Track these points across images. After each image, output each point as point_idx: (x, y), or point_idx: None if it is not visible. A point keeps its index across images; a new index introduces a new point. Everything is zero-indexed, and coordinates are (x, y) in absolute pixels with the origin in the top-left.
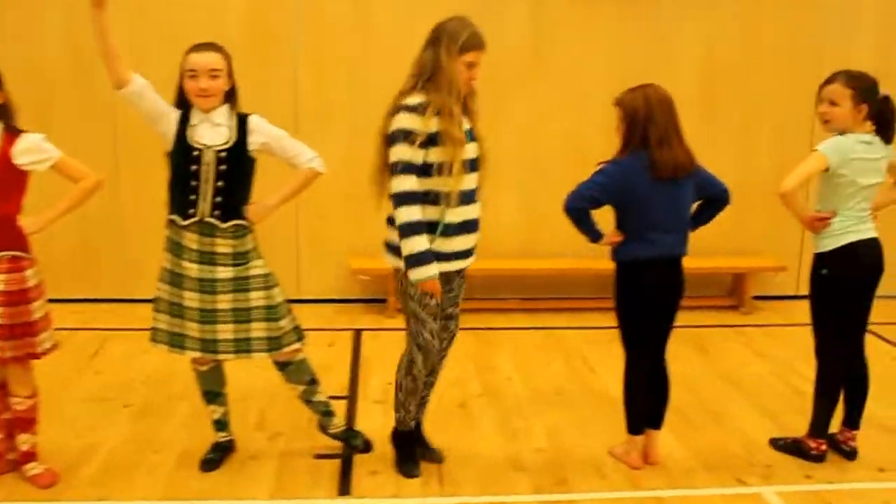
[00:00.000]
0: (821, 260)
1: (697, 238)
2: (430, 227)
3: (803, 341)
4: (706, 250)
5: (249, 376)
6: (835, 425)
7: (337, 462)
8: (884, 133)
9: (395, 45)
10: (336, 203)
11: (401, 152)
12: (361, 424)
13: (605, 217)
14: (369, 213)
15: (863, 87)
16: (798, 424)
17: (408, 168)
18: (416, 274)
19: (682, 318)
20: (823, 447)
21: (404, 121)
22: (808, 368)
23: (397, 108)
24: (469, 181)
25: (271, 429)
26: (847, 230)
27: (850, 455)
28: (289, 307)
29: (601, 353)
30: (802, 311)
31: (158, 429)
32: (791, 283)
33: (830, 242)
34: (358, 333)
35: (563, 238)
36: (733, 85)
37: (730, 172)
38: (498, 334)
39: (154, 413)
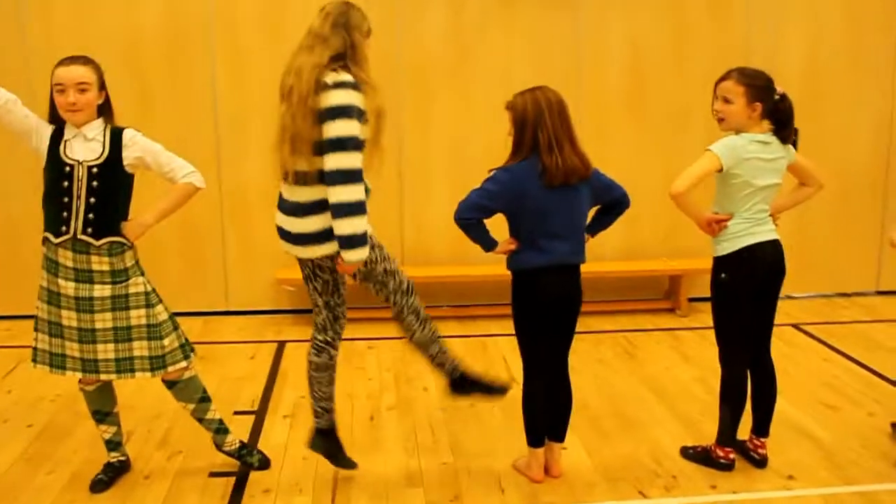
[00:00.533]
0: (719, 264)
1: (635, 240)
2: None
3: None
4: (643, 253)
5: (163, 392)
6: (746, 432)
7: (231, 480)
8: (781, 133)
9: None
10: (261, 212)
11: (351, 128)
12: (266, 440)
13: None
14: None
15: (757, 84)
16: (715, 432)
17: (359, 145)
18: (356, 255)
19: (614, 322)
20: (731, 455)
21: (353, 97)
22: None
23: (334, 84)
24: None
25: (173, 447)
26: (744, 233)
27: (760, 463)
28: (174, 325)
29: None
30: None
31: (57, 449)
32: None
33: (728, 246)
34: (281, 345)
35: None
36: (661, 83)
37: (659, 172)
38: None
39: (56, 433)
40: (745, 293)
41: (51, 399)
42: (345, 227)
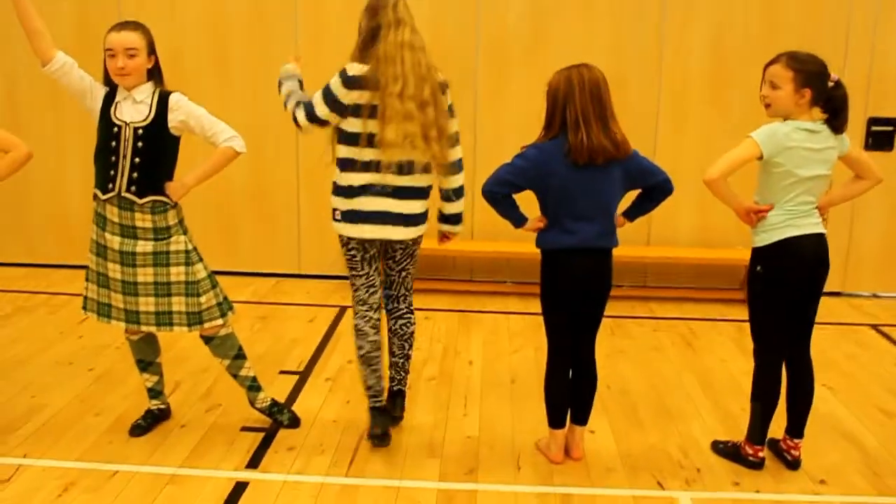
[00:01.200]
0: (756, 255)
1: (710, 226)
2: None
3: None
4: (719, 240)
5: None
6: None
7: (260, 436)
8: (833, 122)
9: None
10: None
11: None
12: (304, 400)
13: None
14: None
15: (807, 69)
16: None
17: None
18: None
19: (678, 309)
20: (761, 454)
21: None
22: None
23: (447, 84)
24: None
25: (214, 400)
26: (784, 224)
27: (793, 465)
28: (213, 283)
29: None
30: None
31: (109, 393)
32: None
33: (766, 237)
34: (343, 311)
35: None
36: (746, 67)
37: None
38: (481, 317)
39: (112, 379)
40: (782, 287)
41: (116, 346)
42: (461, 206)
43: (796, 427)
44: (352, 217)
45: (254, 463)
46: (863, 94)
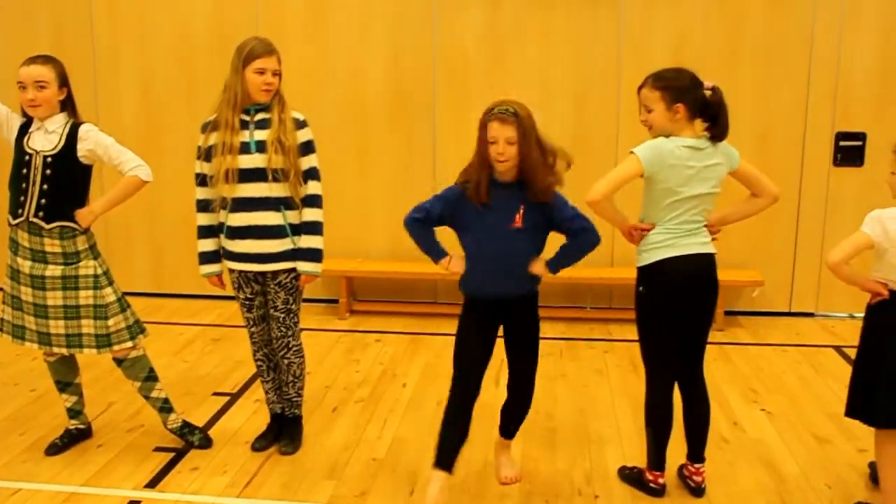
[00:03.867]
0: (639, 276)
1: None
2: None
3: (754, 362)
4: None
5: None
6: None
7: (170, 456)
8: (713, 129)
9: (350, 52)
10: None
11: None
12: (226, 421)
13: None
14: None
15: (673, 86)
16: (678, 454)
17: None
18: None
19: (633, 331)
20: (661, 480)
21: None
22: (737, 393)
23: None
24: (246, 189)
25: (139, 421)
26: (663, 245)
27: (696, 491)
28: (122, 307)
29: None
30: (777, 329)
31: (42, 413)
32: (781, 299)
33: (646, 257)
34: None
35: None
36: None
37: None
38: (432, 340)
39: (50, 400)
40: (664, 309)
41: None
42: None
43: (695, 452)
44: None
45: (154, 482)
46: (829, 109)
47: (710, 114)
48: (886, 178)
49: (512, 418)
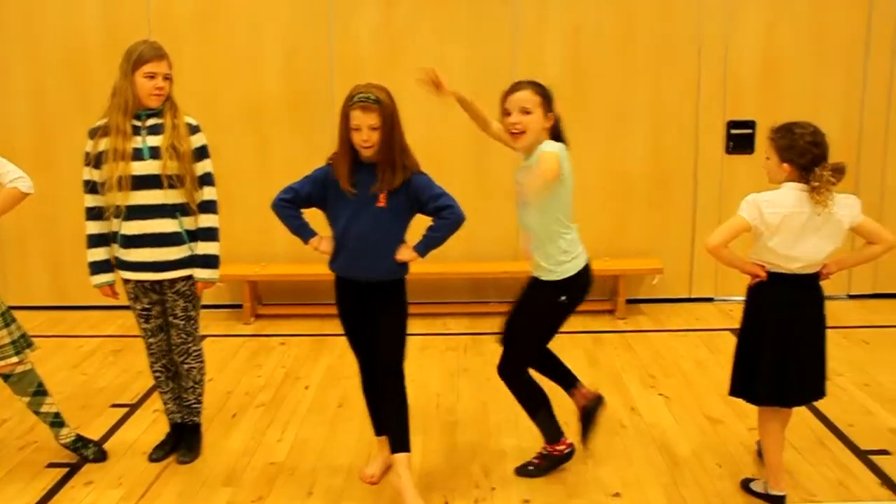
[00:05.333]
0: (561, 287)
1: (582, 238)
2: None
3: (654, 348)
4: (590, 252)
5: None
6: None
7: (63, 472)
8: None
9: (246, 50)
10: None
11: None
12: (123, 433)
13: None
14: (227, 219)
15: (548, 95)
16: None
17: None
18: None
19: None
20: (567, 442)
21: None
22: (636, 379)
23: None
24: (140, 197)
25: (33, 438)
26: (580, 252)
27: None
28: (6, 321)
29: (425, 360)
30: (677, 315)
31: None
32: (681, 286)
33: (570, 268)
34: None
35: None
36: (603, 77)
37: (600, 169)
38: (335, 341)
39: None
40: (568, 311)
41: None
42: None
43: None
44: None
45: (46, 499)
46: (720, 99)
47: (558, 133)
48: (763, 163)
49: (386, 417)
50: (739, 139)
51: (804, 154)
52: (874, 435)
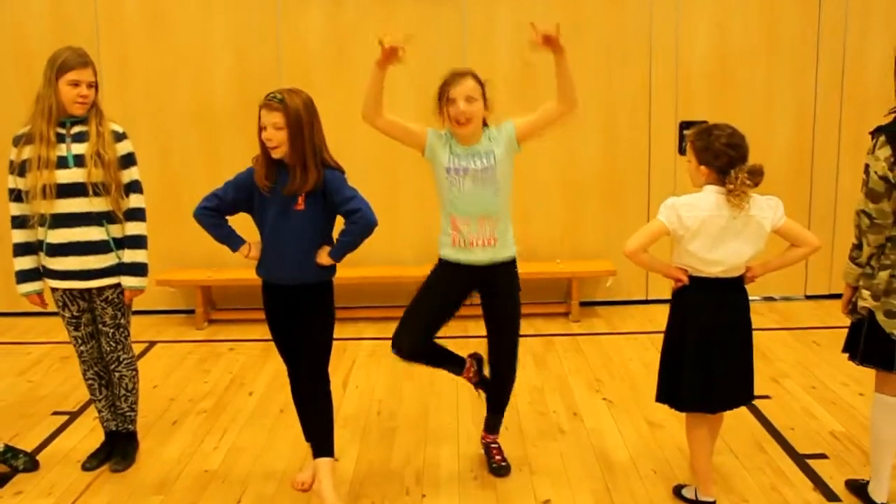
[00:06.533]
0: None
1: (535, 240)
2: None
3: (604, 351)
4: (544, 254)
5: None
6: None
7: None
8: None
9: (194, 54)
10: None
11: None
12: (61, 441)
13: None
14: (179, 224)
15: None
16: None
17: None
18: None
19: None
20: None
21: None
22: (583, 383)
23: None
24: (65, 205)
25: None
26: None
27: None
28: None
29: (373, 365)
30: (632, 318)
31: None
32: (637, 288)
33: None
34: (151, 345)
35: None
36: (552, 73)
37: (552, 166)
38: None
39: None
40: None
41: None
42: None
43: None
44: None
45: None
46: (672, 99)
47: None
48: (686, 166)
49: (309, 422)
50: None
51: (719, 156)
52: (814, 438)
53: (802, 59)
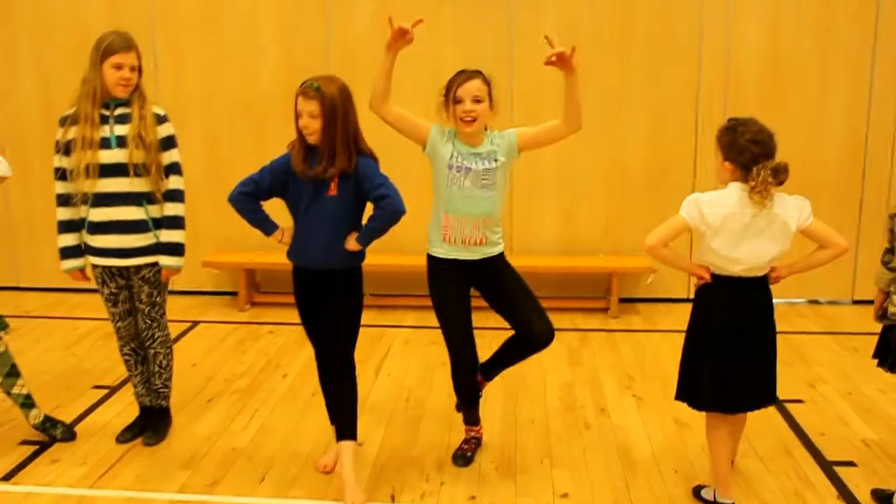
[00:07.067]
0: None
1: (577, 235)
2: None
3: (640, 348)
4: (585, 249)
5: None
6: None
7: (33, 449)
8: None
9: (245, 43)
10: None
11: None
12: (98, 414)
13: None
14: (226, 207)
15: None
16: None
17: None
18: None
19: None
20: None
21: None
22: (613, 380)
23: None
24: (107, 185)
25: (11, 416)
26: None
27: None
28: None
29: (406, 354)
30: (671, 315)
31: None
32: (679, 286)
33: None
34: (194, 325)
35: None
36: (599, 72)
37: (597, 163)
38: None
39: None
40: None
41: None
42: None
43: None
44: None
45: (10, 475)
46: (721, 98)
47: None
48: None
49: (333, 405)
50: None
51: (744, 152)
52: (844, 445)
53: (858, 59)
